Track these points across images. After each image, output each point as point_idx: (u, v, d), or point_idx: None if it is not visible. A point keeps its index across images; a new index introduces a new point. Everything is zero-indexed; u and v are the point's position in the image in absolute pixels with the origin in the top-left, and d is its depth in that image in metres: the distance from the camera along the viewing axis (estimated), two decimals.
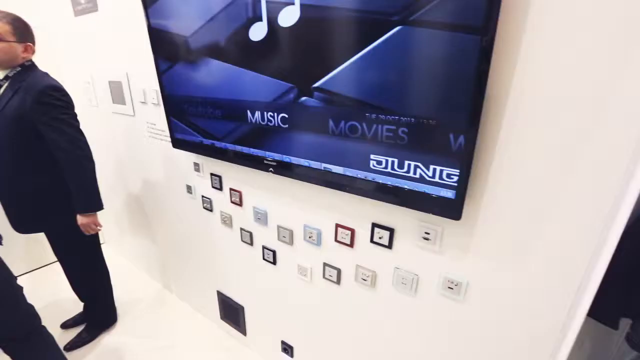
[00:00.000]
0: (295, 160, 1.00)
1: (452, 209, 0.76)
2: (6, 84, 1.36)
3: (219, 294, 1.73)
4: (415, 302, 0.97)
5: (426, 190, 0.78)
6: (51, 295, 2.12)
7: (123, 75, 1.68)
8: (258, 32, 0.93)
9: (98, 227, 1.51)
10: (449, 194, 0.75)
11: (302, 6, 0.82)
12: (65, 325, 1.88)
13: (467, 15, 0.61)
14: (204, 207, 1.54)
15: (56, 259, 1.70)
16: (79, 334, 1.80)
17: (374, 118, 0.80)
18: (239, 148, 1.15)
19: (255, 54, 0.96)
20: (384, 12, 0.71)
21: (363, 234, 1.02)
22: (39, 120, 1.32)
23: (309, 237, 1.16)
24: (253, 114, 1.04)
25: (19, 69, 1.37)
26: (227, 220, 1.45)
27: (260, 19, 0.91)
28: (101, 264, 1.75)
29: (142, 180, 1.91)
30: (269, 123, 1.01)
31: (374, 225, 0.98)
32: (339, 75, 0.82)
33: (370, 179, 0.87)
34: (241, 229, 1.41)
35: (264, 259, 1.37)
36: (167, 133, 1.53)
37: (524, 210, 0.72)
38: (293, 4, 0.84)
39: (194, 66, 1.14)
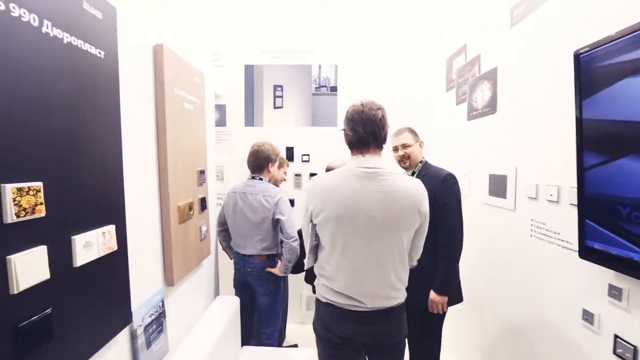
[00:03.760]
0: None
1: None
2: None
3: None
4: None
5: None
6: None
7: (510, 169, 1.66)
8: None
9: (444, 310, 1.54)
10: None
11: None
12: None
13: None
14: (616, 354, 1.06)
15: None
16: None
17: None
18: None
19: None
20: None
21: None
22: (438, 202, 1.49)
23: None
24: None
25: (420, 165, 1.68)
26: None
27: None
28: (440, 345, 1.68)
29: (509, 281, 1.71)
30: None
31: None
32: None
33: None
34: None
35: None
36: (566, 237, 1.27)
37: None
38: None
39: None
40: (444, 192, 1.51)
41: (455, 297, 1.63)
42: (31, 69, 0.66)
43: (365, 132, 1.09)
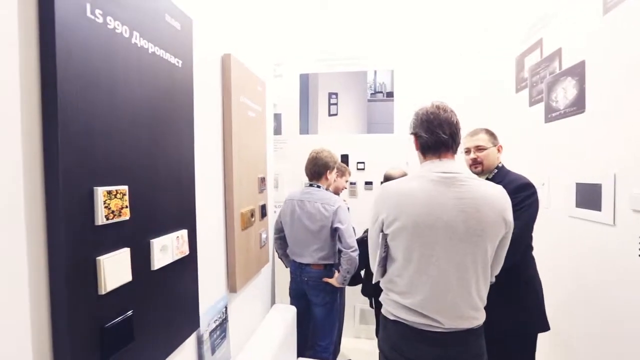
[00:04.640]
0: None
1: None
2: None
3: None
4: None
5: None
6: None
7: (606, 177, 1.43)
8: None
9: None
10: None
11: None
12: None
13: None
14: None
15: None
16: None
17: None
18: None
19: None
20: None
21: None
22: (513, 208, 1.33)
23: None
24: None
25: (496, 170, 1.51)
26: None
27: None
28: None
29: (610, 312, 1.46)
30: None
31: None
32: None
33: None
34: None
35: None
36: None
37: None
38: None
39: None
40: (521, 198, 1.35)
41: (540, 322, 1.43)
42: (122, 77, 0.69)
43: (445, 134, 0.99)
